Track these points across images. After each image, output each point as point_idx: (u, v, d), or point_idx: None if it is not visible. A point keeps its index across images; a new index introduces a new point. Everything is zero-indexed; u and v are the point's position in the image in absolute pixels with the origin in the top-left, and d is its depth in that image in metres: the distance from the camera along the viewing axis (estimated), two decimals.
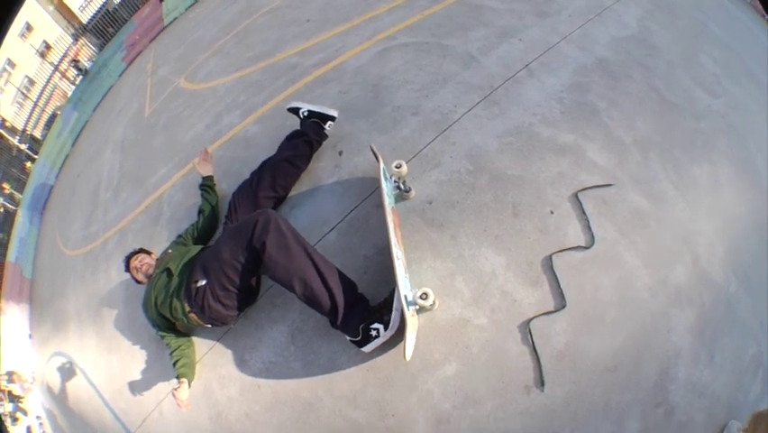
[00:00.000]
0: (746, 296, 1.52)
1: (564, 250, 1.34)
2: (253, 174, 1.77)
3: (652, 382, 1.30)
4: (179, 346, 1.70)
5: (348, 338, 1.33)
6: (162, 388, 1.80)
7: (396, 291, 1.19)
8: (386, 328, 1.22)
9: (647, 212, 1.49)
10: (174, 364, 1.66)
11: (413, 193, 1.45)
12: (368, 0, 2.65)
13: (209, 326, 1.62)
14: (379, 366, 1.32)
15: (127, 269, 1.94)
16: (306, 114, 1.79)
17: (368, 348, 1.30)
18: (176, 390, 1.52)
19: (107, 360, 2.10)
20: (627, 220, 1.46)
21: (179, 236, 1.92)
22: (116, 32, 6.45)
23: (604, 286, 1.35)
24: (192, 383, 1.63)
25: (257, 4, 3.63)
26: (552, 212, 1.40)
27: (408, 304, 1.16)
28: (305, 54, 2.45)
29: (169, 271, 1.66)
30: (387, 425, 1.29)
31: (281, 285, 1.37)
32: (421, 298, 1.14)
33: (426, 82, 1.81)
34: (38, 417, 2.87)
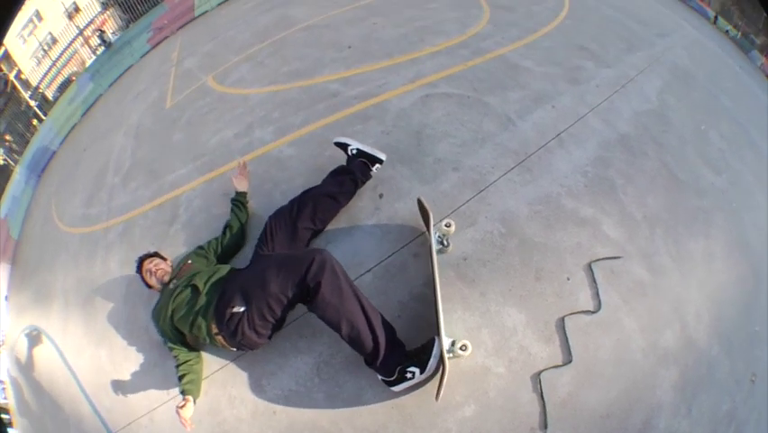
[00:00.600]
0: (726, 358, 1.83)
1: (575, 313, 1.63)
2: (293, 202, 1.84)
3: (637, 429, 1.59)
4: (188, 361, 1.73)
5: (380, 377, 1.49)
6: (159, 396, 1.86)
7: (437, 340, 1.42)
8: (422, 372, 1.40)
9: (647, 283, 1.78)
10: (180, 379, 1.69)
11: (450, 248, 1.71)
12: (409, 39, 2.88)
13: (234, 349, 1.66)
14: (404, 404, 1.53)
15: (139, 270, 1.93)
16: (354, 152, 1.89)
17: (398, 388, 1.46)
18: (180, 407, 1.54)
19: (94, 352, 2.12)
20: (630, 289, 1.75)
21: (200, 248, 1.94)
22: (146, 11, 6.50)
23: (605, 346, 1.64)
24: (197, 400, 1.65)
25: (293, 17, 3.79)
26: (568, 278, 1.68)
27: (448, 352, 1.40)
28: (346, 83, 2.62)
29: (195, 287, 1.68)
30: None
31: (326, 323, 1.47)
32: (461, 349, 1.39)
33: (467, 139, 2.05)
34: (1, 381, 2.82)
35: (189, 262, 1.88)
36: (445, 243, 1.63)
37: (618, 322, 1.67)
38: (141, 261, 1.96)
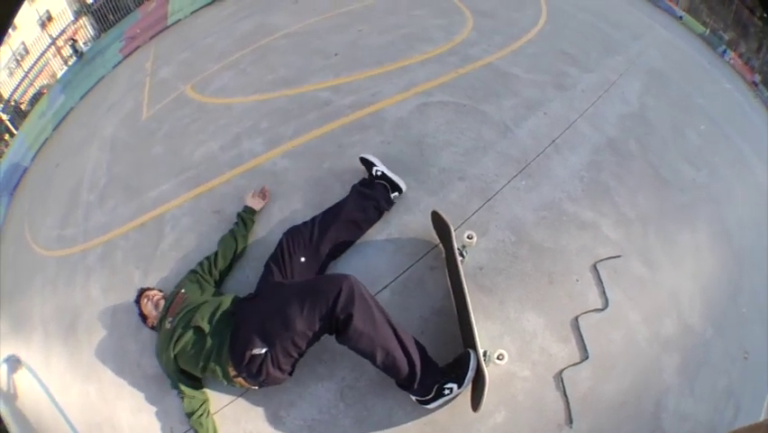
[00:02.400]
0: (720, 340, 2.19)
1: (587, 312, 1.90)
2: (312, 225, 1.90)
3: (649, 413, 1.89)
4: (198, 412, 1.71)
5: (414, 398, 1.59)
6: None
7: (472, 352, 1.57)
8: (459, 387, 1.52)
9: (645, 278, 2.10)
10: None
11: (467, 259, 1.93)
12: (397, 46, 3.11)
13: (256, 387, 1.68)
14: (437, 419, 1.67)
15: (137, 301, 1.92)
16: (378, 174, 2.02)
17: (433, 406, 1.56)
18: None
19: (82, 389, 2.11)
20: (631, 285, 2.05)
21: (193, 272, 1.94)
22: (118, 20, 6.58)
23: (615, 340, 1.93)
24: None
25: (273, 24, 3.93)
26: (577, 280, 1.96)
27: (486, 362, 1.56)
28: (337, 91, 2.75)
29: (198, 328, 1.66)
30: None
31: (359, 353, 1.53)
32: (498, 358, 1.58)
33: (469, 147, 2.29)
34: None
35: (183, 291, 1.86)
36: (464, 254, 1.85)
37: (624, 317, 1.97)
38: (141, 291, 1.96)
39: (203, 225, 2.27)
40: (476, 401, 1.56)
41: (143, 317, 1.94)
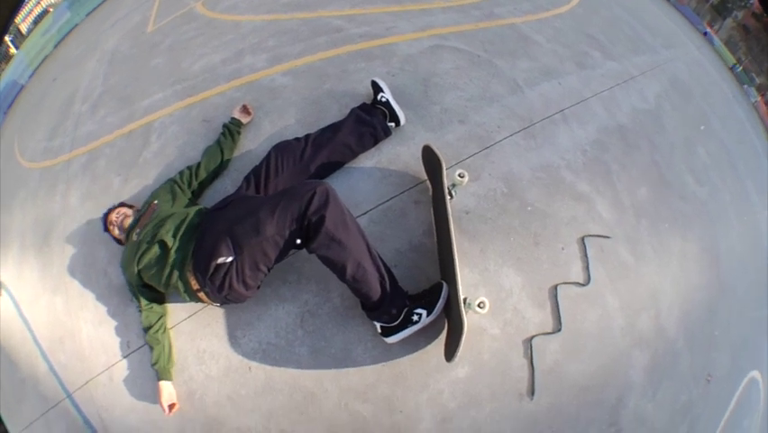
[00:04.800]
0: (688, 353, 2.37)
1: (567, 283, 2.00)
2: (305, 143, 1.99)
3: (610, 405, 2.00)
4: (154, 327, 1.83)
5: (379, 324, 1.67)
6: (117, 350, 2.00)
7: (444, 284, 1.63)
8: (429, 314, 1.60)
9: (630, 266, 2.24)
10: (151, 351, 1.82)
11: (454, 199, 1.99)
12: None
13: (218, 305, 1.79)
14: (395, 362, 1.75)
15: (105, 228, 2.03)
16: (382, 100, 2.13)
17: (393, 339, 1.65)
18: (161, 397, 1.73)
19: (50, 300, 2.22)
20: (615, 269, 2.18)
21: (171, 180, 2.04)
22: None
23: (589, 319, 2.03)
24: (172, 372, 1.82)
25: None
26: (563, 248, 2.06)
27: (466, 308, 1.60)
28: (350, 21, 2.85)
29: (162, 243, 1.73)
30: (393, 421, 1.74)
31: (328, 264, 1.58)
32: (479, 306, 1.60)
33: (475, 95, 2.38)
34: None
35: (155, 202, 1.94)
36: (453, 193, 1.90)
37: (602, 298, 2.08)
38: (106, 216, 2.04)
39: (190, 135, 2.38)
40: (451, 350, 1.60)
41: (118, 241, 2.04)
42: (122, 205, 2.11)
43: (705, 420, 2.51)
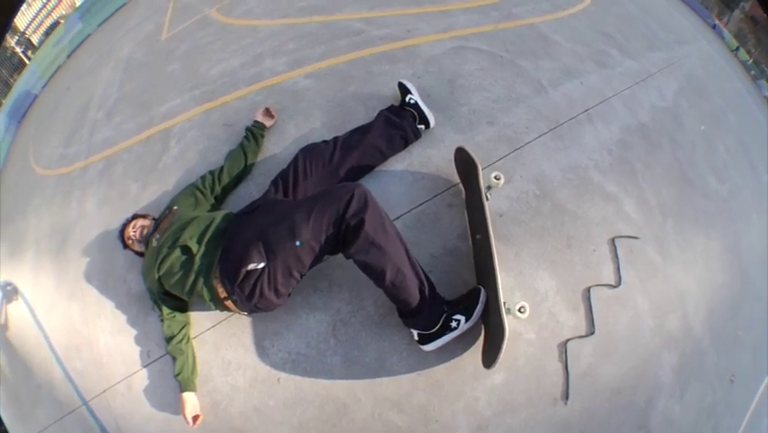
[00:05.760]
0: (714, 353, 2.38)
1: (600, 285, 2.01)
2: (334, 145, 1.95)
3: (640, 407, 2.01)
4: (177, 337, 1.78)
5: (416, 332, 1.64)
6: (137, 359, 1.96)
7: (492, 291, 1.59)
8: (467, 320, 1.58)
9: (659, 266, 2.25)
10: (173, 361, 1.78)
11: (489, 202, 1.97)
12: None
13: (245, 313, 1.73)
14: (432, 372, 1.73)
15: (125, 245, 1.99)
16: (411, 102, 2.10)
17: (433, 346, 1.61)
18: (185, 409, 1.69)
19: (66, 307, 2.20)
20: (644, 269, 2.18)
21: (192, 186, 2.00)
22: None
23: (621, 321, 2.04)
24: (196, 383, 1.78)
25: None
26: (594, 250, 2.06)
27: (507, 312, 1.58)
28: (370, 23, 2.83)
29: (186, 248, 1.67)
30: (429, 430, 1.72)
31: (366, 270, 1.54)
32: (519, 311, 1.59)
33: (501, 95, 2.37)
34: None
35: (175, 208, 1.89)
36: (488, 196, 1.89)
37: (634, 300, 2.09)
38: (122, 233, 1.99)
39: (211, 139, 2.35)
40: (490, 356, 1.58)
41: (141, 254, 1.98)
42: (135, 217, 2.06)
43: (728, 421, 2.53)
